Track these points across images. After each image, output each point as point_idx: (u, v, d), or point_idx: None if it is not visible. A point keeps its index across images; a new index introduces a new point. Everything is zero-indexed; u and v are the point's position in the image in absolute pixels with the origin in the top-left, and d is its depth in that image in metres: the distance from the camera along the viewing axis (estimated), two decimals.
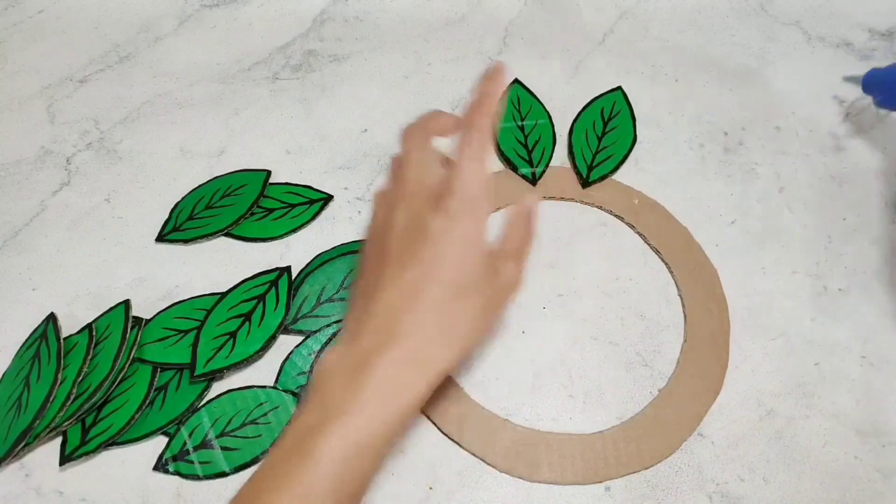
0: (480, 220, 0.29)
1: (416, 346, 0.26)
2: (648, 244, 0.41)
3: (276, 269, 0.39)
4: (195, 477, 0.33)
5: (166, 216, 0.42)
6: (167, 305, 0.38)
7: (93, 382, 0.34)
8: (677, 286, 0.39)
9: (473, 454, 0.34)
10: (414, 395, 0.26)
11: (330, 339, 0.37)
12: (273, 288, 0.38)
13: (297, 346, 0.37)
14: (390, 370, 0.26)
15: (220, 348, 0.36)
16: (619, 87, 0.48)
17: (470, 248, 0.28)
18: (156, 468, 0.34)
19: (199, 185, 0.44)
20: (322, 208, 0.42)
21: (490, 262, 0.29)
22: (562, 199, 0.43)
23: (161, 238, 0.41)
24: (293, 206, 0.42)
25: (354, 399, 0.25)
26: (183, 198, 0.43)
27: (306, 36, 0.53)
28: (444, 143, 0.33)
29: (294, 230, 0.41)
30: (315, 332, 0.37)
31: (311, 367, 0.36)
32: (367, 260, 0.30)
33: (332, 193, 0.43)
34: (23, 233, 0.42)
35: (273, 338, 0.37)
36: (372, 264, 0.29)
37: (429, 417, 0.35)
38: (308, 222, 0.42)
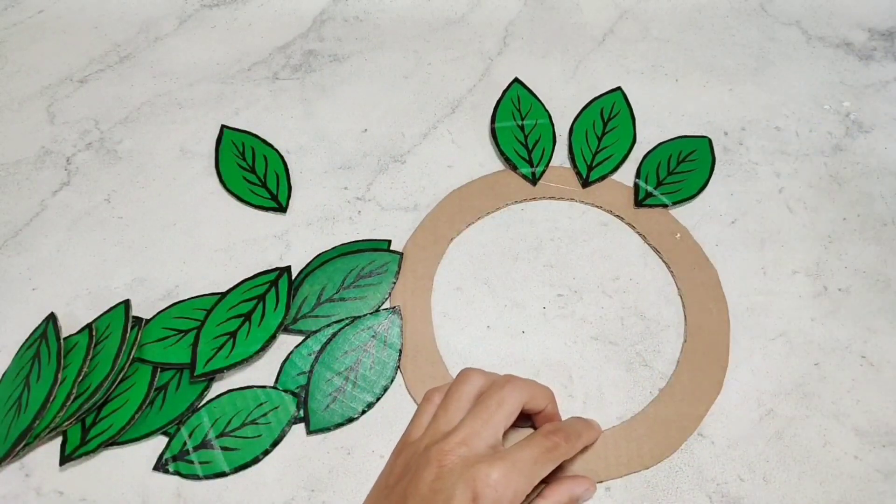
0: None
1: None
2: (648, 244, 0.41)
3: (276, 268, 0.39)
4: (195, 477, 0.33)
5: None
6: (167, 305, 0.38)
7: (93, 382, 0.34)
8: (677, 286, 0.39)
9: None
10: None
11: (330, 340, 0.37)
12: (273, 288, 0.38)
13: (297, 346, 0.37)
14: None
15: (220, 348, 0.36)
16: (619, 88, 0.48)
17: None
18: (156, 468, 0.34)
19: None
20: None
21: None
22: (562, 199, 0.43)
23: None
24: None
25: None
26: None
27: (306, 36, 0.53)
28: None
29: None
30: (315, 331, 0.37)
31: (311, 367, 0.36)
32: (389, 480, 0.29)
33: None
34: (23, 233, 0.42)
35: (273, 338, 0.37)
36: (391, 499, 0.28)
37: None
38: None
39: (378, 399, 0.35)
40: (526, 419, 0.34)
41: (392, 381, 0.36)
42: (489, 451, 0.28)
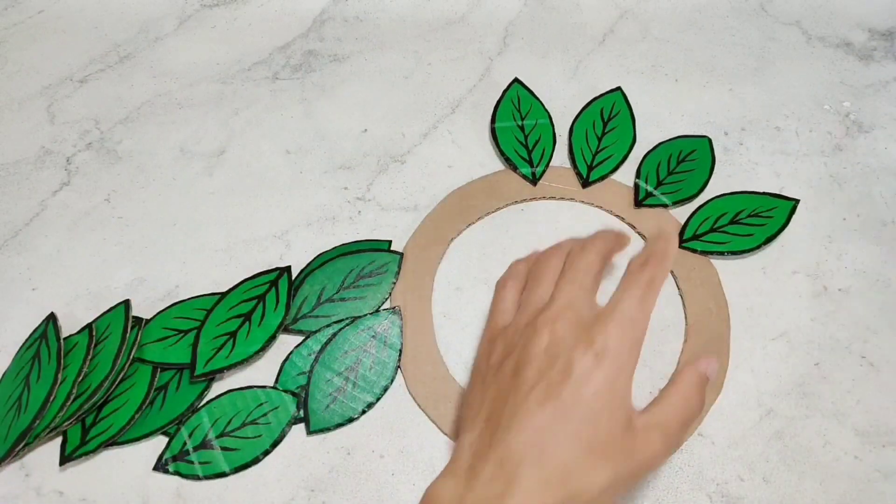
0: (629, 375, 0.26)
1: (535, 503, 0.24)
2: None
3: (276, 268, 0.39)
4: (195, 477, 0.33)
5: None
6: (167, 305, 0.38)
7: (93, 382, 0.34)
8: (677, 286, 0.39)
9: None
10: None
11: (330, 340, 0.37)
12: (273, 288, 0.38)
13: (297, 346, 0.37)
14: None
15: (220, 348, 0.36)
16: (619, 88, 0.48)
17: (614, 404, 0.25)
18: (156, 468, 0.34)
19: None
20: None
21: (631, 425, 0.26)
22: (562, 199, 0.43)
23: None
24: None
25: None
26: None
27: (306, 36, 0.53)
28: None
29: None
30: (315, 332, 0.37)
31: (311, 367, 0.36)
32: (490, 361, 0.29)
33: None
34: (23, 233, 0.42)
35: (273, 338, 0.37)
36: (500, 377, 0.28)
37: (429, 417, 0.35)
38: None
39: (378, 399, 0.35)
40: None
41: (392, 381, 0.36)
42: (593, 311, 0.28)
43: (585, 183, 0.43)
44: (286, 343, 0.37)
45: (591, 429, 0.25)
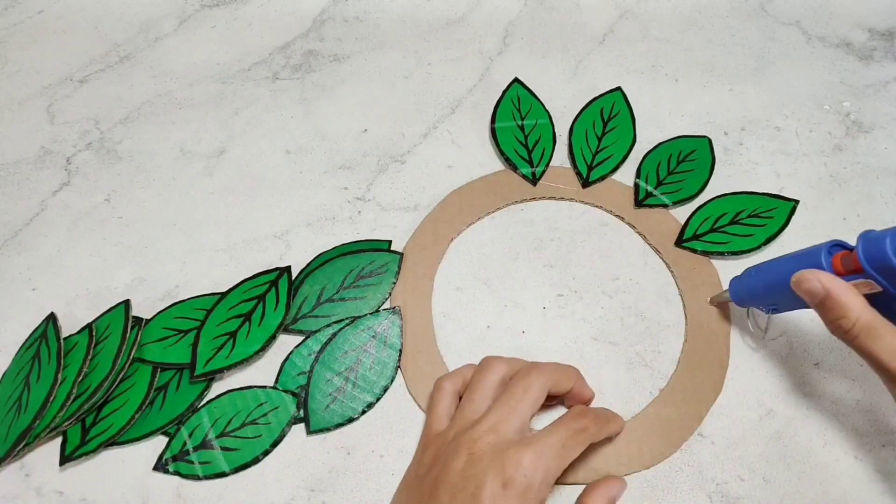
0: None
1: None
2: (648, 244, 0.41)
3: (276, 268, 0.39)
4: (195, 477, 0.33)
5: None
6: (167, 305, 0.38)
7: (93, 382, 0.34)
8: (677, 286, 0.39)
9: None
10: None
11: (330, 340, 0.37)
12: (273, 288, 0.38)
13: (297, 346, 0.37)
14: None
15: (220, 348, 0.36)
16: (619, 88, 0.48)
17: None
18: (156, 468, 0.34)
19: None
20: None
21: None
22: (562, 199, 0.43)
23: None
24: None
25: None
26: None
27: (306, 36, 0.53)
28: None
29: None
30: (315, 331, 0.37)
31: (311, 367, 0.36)
32: (419, 470, 0.30)
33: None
34: (23, 233, 0.42)
35: (273, 338, 0.37)
36: (422, 490, 0.29)
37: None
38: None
39: (378, 399, 0.35)
40: (553, 398, 0.34)
41: (392, 381, 0.36)
42: (518, 436, 0.29)
43: (585, 183, 0.43)
44: (286, 343, 0.37)
45: None
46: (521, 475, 0.27)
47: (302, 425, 0.35)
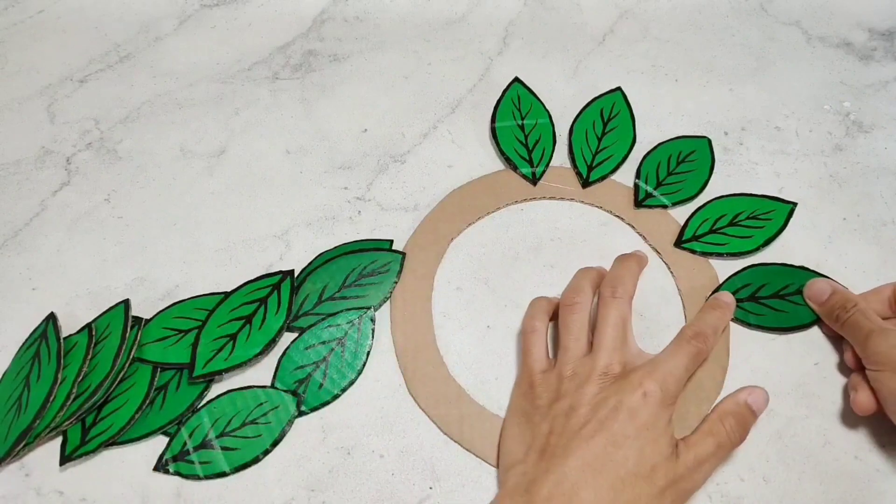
0: (670, 415, 0.30)
1: None
2: (648, 244, 0.41)
3: (280, 272, 0.39)
4: (195, 477, 0.33)
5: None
6: (167, 305, 0.38)
7: (93, 382, 0.34)
8: (677, 286, 0.39)
9: (473, 454, 0.34)
10: None
11: (330, 340, 0.37)
12: (275, 291, 0.38)
13: (294, 341, 0.37)
14: None
15: (219, 350, 0.36)
16: (619, 88, 0.48)
17: (657, 434, 0.29)
18: (156, 468, 0.34)
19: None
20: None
21: (673, 452, 0.30)
22: (562, 199, 0.43)
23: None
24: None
25: None
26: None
27: (306, 36, 0.53)
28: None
29: None
30: (312, 325, 0.37)
31: (311, 361, 0.36)
32: (537, 403, 0.32)
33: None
34: (23, 233, 0.42)
35: (273, 342, 0.37)
36: (552, 416, 0.31)
37: (429, 417, 0.35)
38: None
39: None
40: None
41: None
42: (640, 358, 0.33)
43: (585, 183, 0.43)
44: (284, 339, 0.37)
45: (637, 455, 0.28)
46: (658, 389, 0.30)
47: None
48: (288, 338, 0.37)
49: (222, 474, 0.33)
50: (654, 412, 0.30)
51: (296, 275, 0.39)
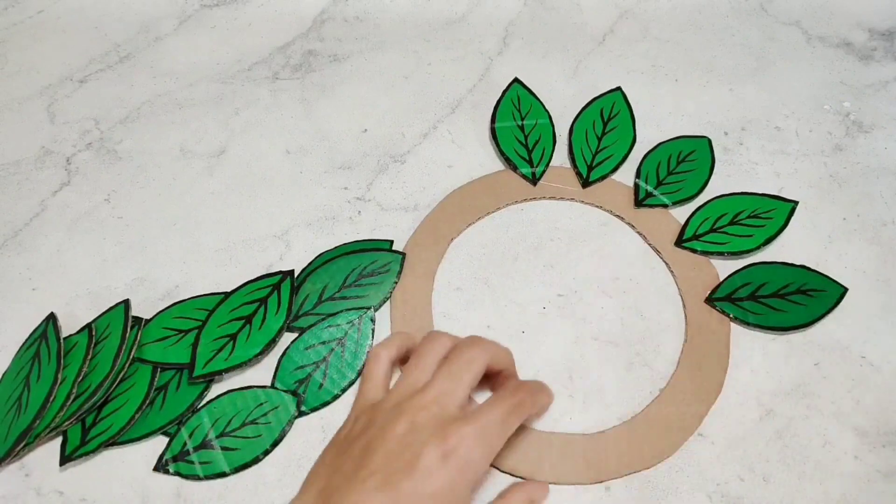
0: (472, 482, 0.28)
1: None
2: (648, 244, 0.41)
3: (280, 272, 0.39)
4: (195, 477, 0.33)
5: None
6: (167, 305, 0.38)
7: (93, 382, 0.34)
8: (677, 286, 0.39)
9: None
10: None
11: (330, 341, 0.37)
12: (275, 292, 0.38)
13: (294, 341, 0.37)
14: None
15: (219, 350, 0.36)
16: (619, 88, 0.48)
17: (454, 498, 0.27)
18: (156, 468, 0.34)
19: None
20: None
21: None
22: (562, 199, 0.43)
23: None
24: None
25: None
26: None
27: (306, 36, 0.53)
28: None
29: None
30: (312, 325, 0.37)
31: (311, 362, 0.36)
32: (349, 433, 0.29)
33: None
34: (23, 233, 0.42)
35: (273, 342, 0.37)
36: (349, 453, 0.28)
37: None
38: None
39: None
40: (485, 380, 0.34)
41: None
42: (459, 410, 0.29)
43: (585, 183, 0.43)
44: (283, 339, 0.37)
45: None
46: (464, 449, 0.27)
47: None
48: (288, 338, 0.37)
49: (222, 474, 0.33)
50: (452, 478, 0.26)
51: (296, 275, 0.39)
